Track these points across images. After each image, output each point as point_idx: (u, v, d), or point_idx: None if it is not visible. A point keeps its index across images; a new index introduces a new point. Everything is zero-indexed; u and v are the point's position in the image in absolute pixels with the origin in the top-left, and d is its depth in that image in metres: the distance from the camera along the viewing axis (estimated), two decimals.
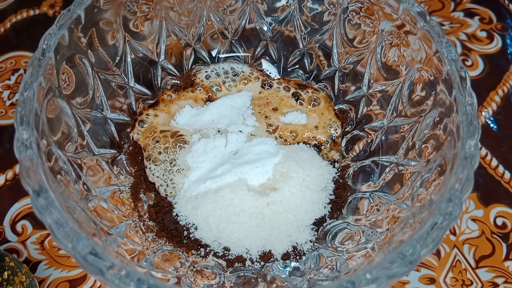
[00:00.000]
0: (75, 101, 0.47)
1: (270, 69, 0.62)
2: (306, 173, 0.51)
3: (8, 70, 0.66)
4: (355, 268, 0.42)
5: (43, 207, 0.36)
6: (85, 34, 0.48)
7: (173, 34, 0.58)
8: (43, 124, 0.41)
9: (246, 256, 0.48)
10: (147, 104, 0.57)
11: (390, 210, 0.46)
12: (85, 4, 0.47)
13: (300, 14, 0.58)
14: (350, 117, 0.57)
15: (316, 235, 0.49)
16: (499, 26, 0.70)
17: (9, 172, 0.58)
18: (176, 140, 0.55)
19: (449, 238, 0.54)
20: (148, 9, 0.54)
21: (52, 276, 0.51)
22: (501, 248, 0.54)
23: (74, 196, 0.42)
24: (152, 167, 0.53)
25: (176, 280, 0.43)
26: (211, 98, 0.59)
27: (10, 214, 0.55)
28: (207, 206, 0.49)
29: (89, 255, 0.35)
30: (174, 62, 0.60)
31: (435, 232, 0.36)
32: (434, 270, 0.52)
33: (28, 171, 0.37)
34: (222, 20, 0.59)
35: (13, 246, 0.53)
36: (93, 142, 0.49)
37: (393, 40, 0.50)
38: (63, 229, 0.36)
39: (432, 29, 0.46)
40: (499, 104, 0.63)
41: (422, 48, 0.47)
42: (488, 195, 0.57)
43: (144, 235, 0.48)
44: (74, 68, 0.47)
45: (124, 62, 0.54)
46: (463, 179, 0.38)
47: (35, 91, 0.41)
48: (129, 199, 0.51)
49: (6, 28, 0.70)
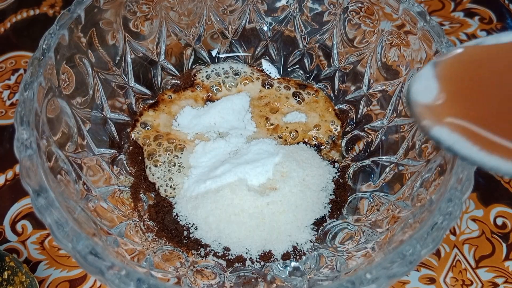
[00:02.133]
0: (75, 101, 0.47)
1: (270, 69, 0.62)
2: (306, 173, 0.51)
3: (8, 70, 0.66)
4: (355, 268, 0.42)
5: (43, 207, 0.36)
6: (85, 34, 0.48)
7: (173, 34, 0.58)
8: (43, 124, 0.41)
9: (246, 256, 0.48)
10: (147, 104, 0.57)
11: (390, 210, 0.46)
12: (85, 4, 0.47)
13: (300, 14, 0.58)
14: (350, 117, 0.57)
15: (316, 235, 0.49)
16: (499, 26, 0.70)
17: (9, 172, 0.58)
18: (177, 142, 0.55)
19: (449, 238, 0.54)
20: (148, 9, 0.54)
21: (52, 276, 0.51)
22: (501, 248, 0.54)
23: (74, 196, 0.42)
24: (152, 167, 0.53)
25: (176, 280, 0.43)
26: (211, 98, 0.59)
27: (10, 214, 0.55)
28: (207, 206, 0.49)
29: (89, 255, 0.35)
30: (174, 62, 0.60)
31: (435, 232, 0.36)
32: (434, 270, 0.52)
33: (28, 171, 0.37)
34: (222, 20, 0.59)
35: (13, 246, 0.53)
36: (93, 142, 0.49)
37: (393, 40, 0.50)
38: (63, 229, 0.36)
39: (432, 29, 0.46)
40: None
41: (422, 48, 0.47)
42: (488, 195, 0.57)
43: (144, 235, 0.48)
44: (74, 68, 0.47)
45: (124, 62, 0.54)
46: (463, 179, 0.38)
47: (35, 91, 0.41)
48: (129, 199, 0.51)
49: (6, 28, 0.70)
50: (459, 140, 0.33)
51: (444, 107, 0.34)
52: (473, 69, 0.36)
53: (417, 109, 0.35)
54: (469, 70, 0.36)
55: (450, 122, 0.34)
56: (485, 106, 0.34)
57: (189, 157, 0.54)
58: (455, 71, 0.36)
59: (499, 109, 0.34)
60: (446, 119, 0.34)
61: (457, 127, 0.33)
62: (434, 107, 0.35)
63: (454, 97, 0.35)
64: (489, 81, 0.35)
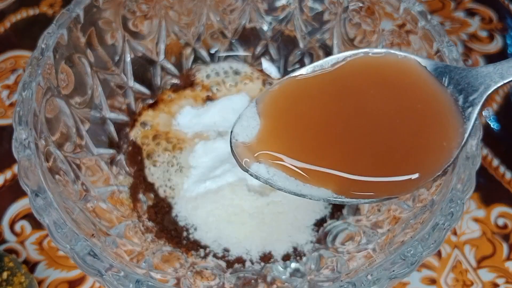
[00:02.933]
0: (74, 100, 0.47)
1: (270, 69, 0.61)
2: None
3: (8, 70, 0.65)
4: (356, 269, 0.42)
5: (41, 207, 0.36)
6: (84, 33, 0.48)
7: (172, 33, 0.58)
8: (41, 124, 0.41)
9: (246, 257, 0.48)
10: (147, 103, 0.57)
11: (391, 211, 0.46)
12: (84, 4, 0.47)
13: (301, 14, 0.58)
14: None
15: (316, 235, 0.49)
16: (499, 26, 0.70)
17: (8, 172, 0.58)
18: (176, 141, 0.55)
19: (450, 238, 0.54)
20: (147, 9, 0.54)
21: (51, 277, 0.51)
22: (502, 248, 0.53)
23: (73, 197, 0.42)
24: (151, 168, 0.53)
25: (175, 281, 0.43)
26: (211, 98, 0.58)
27: (9, 214, 0.55)
28: (206, 207, 0.49)
29: (87, 256, 0.35)
30: (174, 62, 0.60)
31: (437, 233, 0.36)
32: (435, 271, 0.52)
33: (27, 171, 0.37)
34: (222, 19, 0.59)
35: (12, 246, 0.53)
36: (92, 142, 0.49)
37: (394, 39, 0.50)
38: (61, 230, 0.35)
39: (433, 28, 0.45)
40: (500, 103, 0.63)
41: (423, 48, 0.46)
42: (489, 196, 0.57)
43: (143, 236, 0.48)
44: (73, 67, 0.47)
45: (123, 61, 0.54)
46: (464, 179, 0.38)
47: (33, 91, 0.40)
48: (128, 200, 0.51)
49: (6, 28, 0.69)
50: (275, 174, 0.35)
51: (260, 144, 0.36)
52: (288, 102, 0.38)
53: (238, 150, 0.37)
54: (284, 104, 0.38)
55: (266, 159, 0.36)
56: (296, 137, 0.36)
57: (189, 157, 0.53)
58: (272, 106, 0.38)
59: (308, 138, 0.36)
60: (261, 156, 0.36)
61: (272, 163, 0.35)
62: (252, 146, 0.36)
63: (270, 133, 0.37)
64: (299, 113, 0.37)
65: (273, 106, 0.38)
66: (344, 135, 0.36)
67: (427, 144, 0.36)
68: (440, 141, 0.36)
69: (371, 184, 0.34)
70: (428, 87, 0.38)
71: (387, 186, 0.35)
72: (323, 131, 0.36)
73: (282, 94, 0.38)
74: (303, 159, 0.35)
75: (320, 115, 0.37)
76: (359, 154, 0.35)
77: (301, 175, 0.35)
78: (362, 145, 0.35)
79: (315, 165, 0.35)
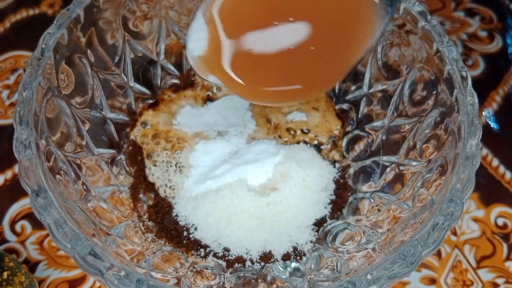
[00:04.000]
0: (74, 100, 0.47)
1: None
2: (307, 173, 0.51)
3: (8, 70, 0.66)
4: (355, 269, 0.42)
5: (42, 207, 0.36)
6: (84, 33, 0.48)
7: (172, 33, 0.58)
8: (42, 124, 0.41)
9: (246, 256, 0.48)
10: (147, 103, 0.57)
11: (391, 211, 0.46)
12: (85, 4, 0.47)
13: None
14: (351, 117, 0.57)
15: (316, 235, 0.49)
16: (499, 26, 0.70)
17: (8, 172, 0.58)
18: (176, 141, 0.55)
19: (450, 238, 0.54)
20: (147, 9, 0.54)
21: (51, 277, 0.51)
22: (502, 248, 0.53)
23: (73, 196, 0.42)
24: (151, 167, 0.53)
25: (175, 281, 0.43)
26: (211, 98, 0.58)
27: (9, 214, 0.55)
28: (207, 207, 0.49)
29: (88, 256, 0.35)
30: (174, 62, 0.59)
31: (436, 233, 0.36)
32: (435, 271, 0.52)
33: (27, 171, 0.37)
34: None
35: (13, 246, 0.53)
36: (92, 142, 0.49)
37: (394, 39, 0.50)
38: (62, 229, 0.36)
39: (433, 28, 0.45)
40: (500, 103, 0.63)
41: (423, 48, 0.46)
42: (489, 195, 0.57)
43: (144, 236, 0.48)
44: (73, 67, 0.47)
45: (123, 61, 0.54)
46: (464, 179, 0.38)
47: (34, 91, 0.40)
48: (129, 200, 0.51)
49: (5, 28, 0.70)
50: (230, 80, 0.41)
51: (211, 54, 0.40)
52: (230, 4, 0.41)
53: (196, 64, 0.41)
54: (226, 7, 0.41)
55: (219, 67, 0.40)
56: (237, 42, 0.40)
57: (189, 156, 0.53)
58: (215, 12, 0.41)
59: (246, 44, 0.40)
60: (215, 66, 0.41)
61: (224, 71, 0.41)
62: (206, 58, 0.41)
63: (217, 41, 0.40)
64: (240, 15, 0.41)
65: (216, 12, 0.41)
66: (276, 37, 0.40)
67: (344, 37, 0.40)
68: (356, 34, 0.40)
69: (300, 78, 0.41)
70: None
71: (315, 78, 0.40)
72: (259, 36, 0.40)
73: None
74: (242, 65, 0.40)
75: (257, 17, 0.40)
76: (287, 54, 0.40)
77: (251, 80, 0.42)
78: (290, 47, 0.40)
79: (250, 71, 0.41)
